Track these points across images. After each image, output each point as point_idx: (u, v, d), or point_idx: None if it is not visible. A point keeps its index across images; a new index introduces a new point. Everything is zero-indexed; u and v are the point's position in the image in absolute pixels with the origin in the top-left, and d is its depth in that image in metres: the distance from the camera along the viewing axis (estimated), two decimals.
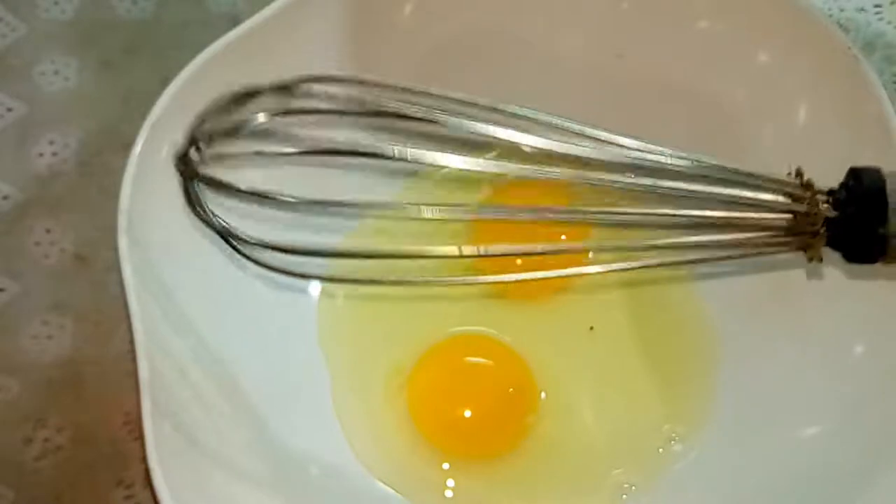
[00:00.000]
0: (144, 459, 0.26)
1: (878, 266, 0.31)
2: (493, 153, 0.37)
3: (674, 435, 0.34)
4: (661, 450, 0.33)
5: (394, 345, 0.35)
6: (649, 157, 0.26)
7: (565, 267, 0.36)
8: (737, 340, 0.34)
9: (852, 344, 0.32)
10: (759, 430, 0.33)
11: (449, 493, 0.33)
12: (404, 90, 0.26)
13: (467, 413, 0.34)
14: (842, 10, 0.40)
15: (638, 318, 0.35)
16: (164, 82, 0.30)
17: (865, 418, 0.30)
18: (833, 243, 0.26)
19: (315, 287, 0.36)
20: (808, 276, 0.33)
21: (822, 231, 0.26)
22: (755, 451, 0.32)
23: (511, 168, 0.27)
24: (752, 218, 0.26)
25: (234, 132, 0.25)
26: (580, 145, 0.26)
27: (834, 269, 0.33)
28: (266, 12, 0.31)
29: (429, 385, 0.35)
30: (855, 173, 0.26)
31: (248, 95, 0.25)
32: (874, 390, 0.31)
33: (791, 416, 0.32)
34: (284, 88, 0.26)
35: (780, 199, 0.26)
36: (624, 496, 0.33)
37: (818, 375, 0.32)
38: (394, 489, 0.33)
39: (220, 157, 0.26)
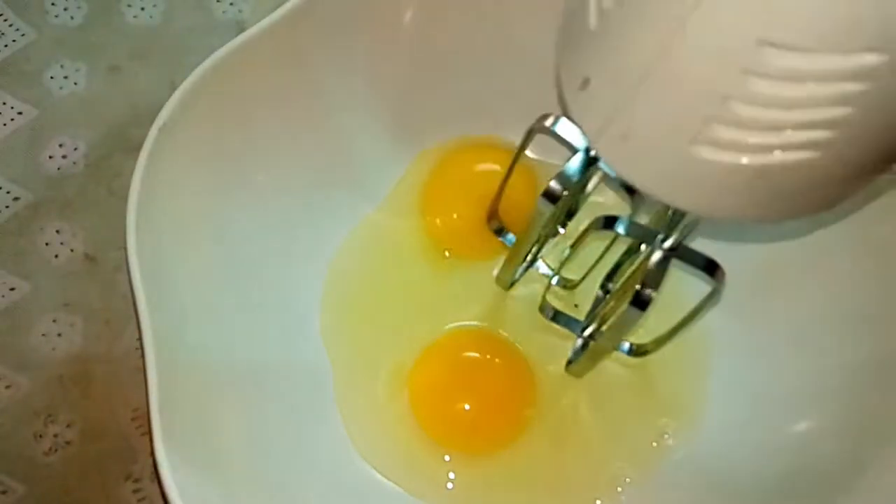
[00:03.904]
0: (152, 454, 0.26)
1: (867, 264, 0.32)
2: None
3: (668, 429, 0.34)
4: (655, 444, 0.34)
5: (395, 341, 0.36)
6: None
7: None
8: (728, 337, 0.35)
9: (842, 340, 0.32)
10: (751, 425, 0.33)
11: (450, 486, 0.33)
12: None
13: (469, 407, 0.35)
14: None
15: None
16: (172, 87, 0.30)
17: (855, 414, 0.31)
18: None
19: (318, 287, 0.36)
20: (798, 274, 0.34)
21: None
22: (747, 446, 0.33)
23: None
24: None
25: None
26: None
27: (825, 266, 0.33)
28: (270, 19, 0.31)
29: (430, 381, 0.35)
30: None
31: None
32: (864, 387, 0.31)
33: (782, 412, 0.33)
34: None
35: None
36: (619, 489, 0.33)
37: (808, 372, 0.32)
38: (395, 483, 0.33)
39: None
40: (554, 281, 0.36)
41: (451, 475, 0.34)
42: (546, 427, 0.34)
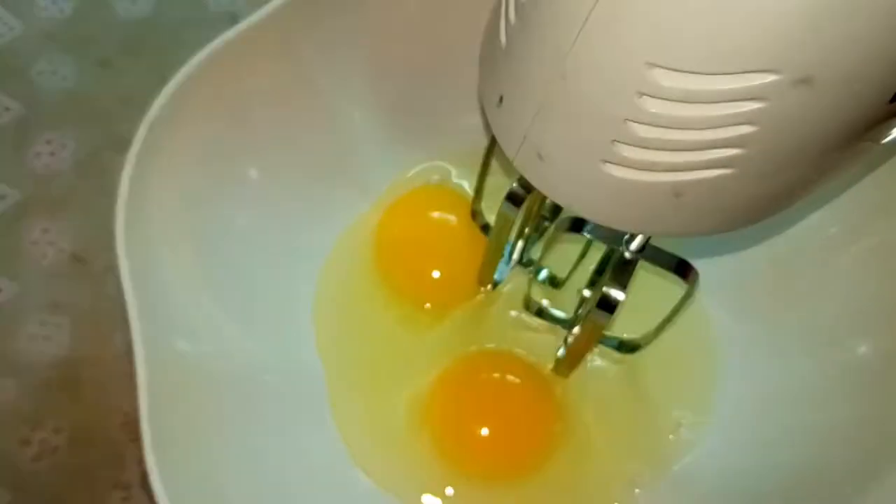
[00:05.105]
0: (142, 461, 0.26)
1: (880, 260, 0.32)
2: None
3: (683, 421, 0.34)
4: (671, 436, 0.33)
5: (391, 343, 0.35)
6: None
7: None
8: (737, 334, 0.35)
9: (855, 338, 0.32)
10: (762, 422, 0.33)
11: (450, 491, 0.33)
12: None
13: (498, 434, 0.33)
14: None
15: (641, 311, 0.33)
16: (163, 81, 0.30)
17: (868, 412, 0.30)
18: None
19: (313, 288, 0.36)
20: (810, 271, 0.34)
21: None
22: (759, 443, 0.32)
23: None
24: None
25: None
26: None
27: (837, 262, 0.33)
28: (265, 10, 0.31)
29: (452, 412, 0.34)
30: None
31: None
32: (878, 385, 0.31)
33: (793, 410, 0.32)
34: None
35: None
36: (637, 490, 0.33)
37: (820, 370, 0.32)
38: (392, 492, 0.33)
39: None
40: (540, 277, 0.36)
41: (463, 482, 0.33)
42: (559, 430, 0.34)
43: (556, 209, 0.36)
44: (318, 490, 0.32)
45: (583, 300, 0.35)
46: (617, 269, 0.28)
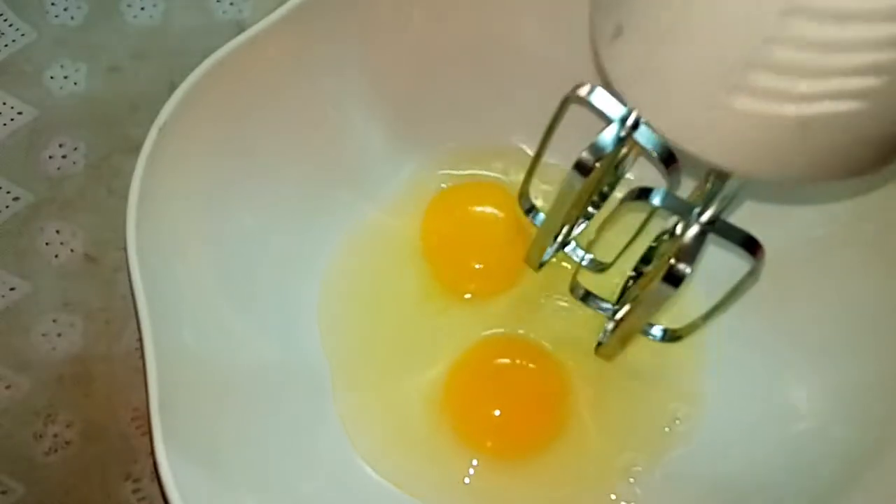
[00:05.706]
0: (152, 454, 0.27)
1: (868, 266, 0.32)
2: None
3: (678, 415, 0.34)
4: (667, 429, 0.34)
5: (393, 340, 0.36)
6: None
7: None
8: (731, 332, 0.35)
9: (846, 344, 0.32)
10: (757, 420, 0.33)
11: (466, 480, 0.34)
12: None
13: (512, 416, 0.34)
14: None
15: None
16: (172, 87, 0.30)
17: (859, 413, 0.31)
18: None
19: (317, 286, 0.36)
20: (800, 275, 0.34)
21: None
22: (753, 440, 0.33)
23: None
24: None
25: None
26: None
27: (825, 269, 0.33)
28: (271, 18, 0.31)
29: (469, 393, 0.35)
30: None
31: None
32: (869, 385, 0.31)
33: (786, 409, 0.33)
34: None
35: None
36: (631, 479, 0.33)
37: (810, 371, 0.33)
38: (402, 487, 0.33)
39: None
40: (585, 262, 0.35)
41: (471, 471, 0.34)
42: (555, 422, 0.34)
43: (604, 195, 0.35)
44: (324, 481, 0.32)
45: (627, 285, 0.34)
46: (686, 241, 0.27)
